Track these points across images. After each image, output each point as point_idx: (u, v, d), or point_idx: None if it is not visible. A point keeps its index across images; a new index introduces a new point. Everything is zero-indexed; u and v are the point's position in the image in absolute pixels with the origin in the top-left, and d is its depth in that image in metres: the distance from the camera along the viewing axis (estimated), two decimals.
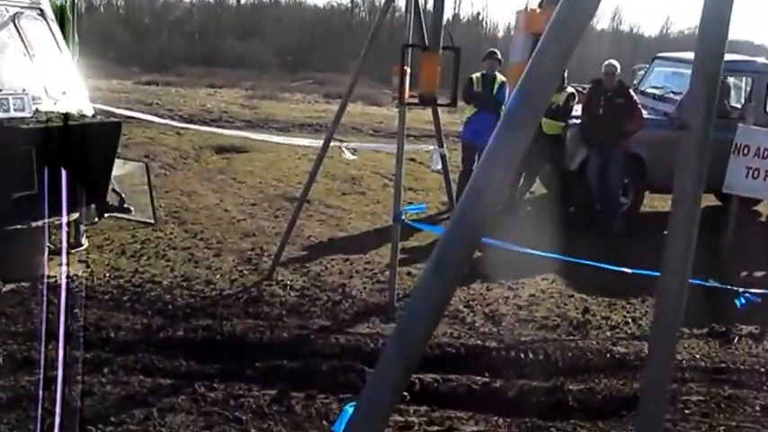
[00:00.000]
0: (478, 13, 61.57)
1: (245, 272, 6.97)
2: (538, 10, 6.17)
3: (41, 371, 4.62)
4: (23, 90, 6.07)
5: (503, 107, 9.80)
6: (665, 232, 2.04)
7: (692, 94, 2.02)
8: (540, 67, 1.68)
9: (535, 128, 1.69)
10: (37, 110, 6.07)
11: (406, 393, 4.59)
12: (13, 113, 5.83)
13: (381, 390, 1.71)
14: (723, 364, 5.66)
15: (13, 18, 6.51)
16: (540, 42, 1.64)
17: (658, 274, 2.09)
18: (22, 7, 6.63)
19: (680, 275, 2.04)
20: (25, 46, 6.56)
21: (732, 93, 10.27)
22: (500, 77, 9.73)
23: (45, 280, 6.17)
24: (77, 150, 6.03)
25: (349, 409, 2.03)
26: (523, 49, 6.14)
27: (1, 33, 6.41)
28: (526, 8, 6.27)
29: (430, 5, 6.09)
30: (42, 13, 6.87)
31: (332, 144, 6.96)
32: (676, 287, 2.04)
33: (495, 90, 9.64)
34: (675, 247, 2.02)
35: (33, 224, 5.96)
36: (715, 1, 1.93)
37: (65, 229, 6.66)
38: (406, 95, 6.01)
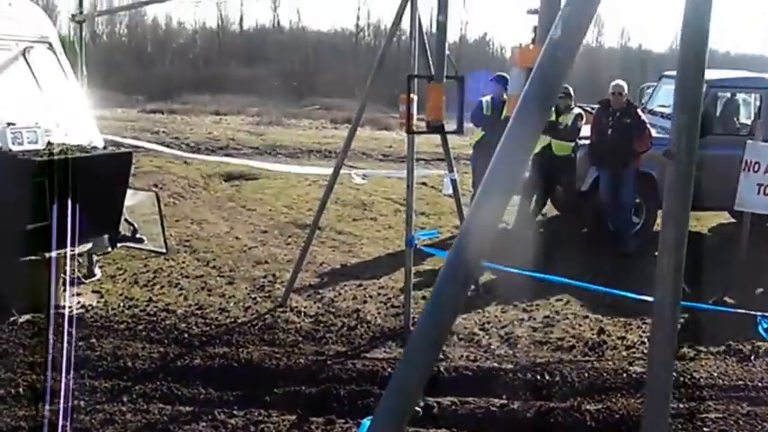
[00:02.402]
0: (485, 34, 62.37)
1: (259, 299, 6.97)
2: (531, 46, 6.44)
3: (62, 400, 4.62)
4: (36, 123, 6.14)
5: None
6: (656, 253, 2.18)
7: (675, 124, 2.14)
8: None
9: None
10: (49, 142, 6.14)
11: (418, 409, 4.58)
12: (26, 146, 5.91)
13: (397, 398, 1.74)
14: (741, 382, 5.61)
15: (24, 53, 6.62)
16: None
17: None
18: (31, 41, 6.74)
19: (672, 292, 2.19)
20: (36, 80, 6.65)
21: (741, 109, 10.27)
22: None
23: (60, 311, 6.18)
24: (90, 181, 6.06)
25: (366, 422, 2.06)
26: (518, 81, 6.41)
27: (12, 68, 6.52)
28: (520, 45, 6.53)
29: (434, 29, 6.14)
30: (51, 47, 6.98)
31: (342, 171, 6.97)
32: (669, 302, 2.20)
33: (503, 114, 9.66)
34: (667, 265, 2.18)
35: (47, 255, 5.99)
36: (692, 35, 2.06)
37: (76, 259, 6.67)
38: (414, 123, 6.08)
